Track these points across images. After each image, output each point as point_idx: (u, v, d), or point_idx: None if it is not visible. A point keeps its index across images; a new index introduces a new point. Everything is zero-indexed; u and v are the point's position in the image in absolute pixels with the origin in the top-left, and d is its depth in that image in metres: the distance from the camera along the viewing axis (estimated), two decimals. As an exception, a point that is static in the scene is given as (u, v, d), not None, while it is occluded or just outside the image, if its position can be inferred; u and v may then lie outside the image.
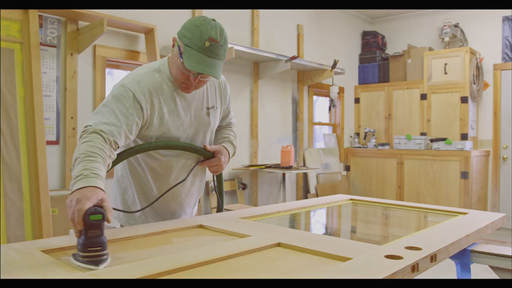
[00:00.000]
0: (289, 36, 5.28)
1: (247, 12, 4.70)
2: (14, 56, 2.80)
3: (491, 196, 5.65)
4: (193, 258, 1.15)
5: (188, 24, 1.48)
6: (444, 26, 5.76)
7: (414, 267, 1.20)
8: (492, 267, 1.56)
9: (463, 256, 1.59)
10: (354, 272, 1.07)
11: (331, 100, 5.30)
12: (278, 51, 4.92)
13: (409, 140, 5.63)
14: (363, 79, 6.49)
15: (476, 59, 5.48)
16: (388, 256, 1.23)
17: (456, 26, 5.76)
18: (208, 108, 1.71)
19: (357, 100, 6.52)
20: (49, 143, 3.08)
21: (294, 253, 1.29)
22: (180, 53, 1.47)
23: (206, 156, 1.69)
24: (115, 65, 3.62)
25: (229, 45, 3.95)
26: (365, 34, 6.56)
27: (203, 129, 1.71)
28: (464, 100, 5.37)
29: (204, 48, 1.43)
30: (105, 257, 1.09)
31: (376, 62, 6.36)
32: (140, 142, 1.61)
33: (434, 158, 5.37)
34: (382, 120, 6.25)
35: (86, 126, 1.42)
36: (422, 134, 5.78)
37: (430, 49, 5.86)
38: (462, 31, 5.78)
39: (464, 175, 5.12)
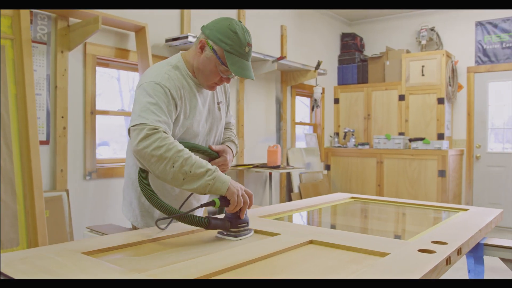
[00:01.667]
0: (273, 36, 5.32)
1: (233, 12, 4.71)
2: (5, 53, 2.70)
3: (464, 194, 5.89)
4: (240, 257, 1.16)
5: (223, 29, 1.50)
6: (421, 29, 5.96)
7: (447, 261, 1.25)
8: (502, 259, 1.64)
9: (476, 250, 1.66)
10: (399, 266, 1.11)
11: (315, 101, 5.37)
12: (263, 51, 4.95)
13: (388, 139, 5.79)
14: (342, 80, 6.61)
15: (452, 61, 5.70)
16: (421, 250, 1.28)
17: (432, 29, 5.96)
18: (218, 103, 1.75)
19: (336, 101, 6.63)
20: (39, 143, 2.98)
21: (330, 249, 1.32)
22: (219, 58, 1.51)
23: (212, 157, 1.67)
24: (105, 63, 3.54)
25: (219, 45, 3.95)
26: (344, 35, 6.69)
27: (216, 124, 1.74)
28: (440, 101, 5.57)
29: (244, 54, 1.51)
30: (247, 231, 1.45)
31: (355, 64, 6.50)
32: None
33: (413, 157, 5.54)
34: (361, 120, 6.39)
35: (140, 124, 1.38)
36: (400, 134, 5.96)
37: (408, 51, 6.04)
38: (437, 35, 6.00)
39: (442, 173, 5.32)
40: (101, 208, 3.38)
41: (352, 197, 2.49)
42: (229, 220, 1.40)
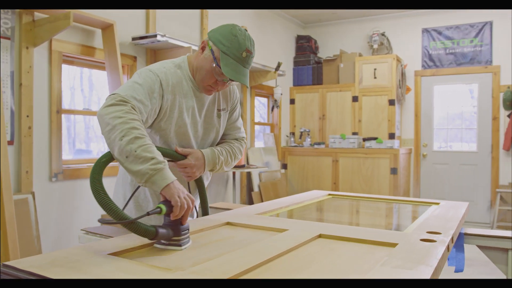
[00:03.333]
0: (234, 37, 5.36)
1: (196, 12, 4.70)
2: (-32, 48, 2.54)
3: (412, 190, 6.28)
4: (266, 252, 1.21)
5: (225, 32, 1.53)
6: (373, 34, 6.26)
7: (448, 248, 1.38)
8: (479, 246, 1.81)
9: (457, 239, 1.82)
10: (414, 255, 1.21)
11: (275, 101, 5.48)
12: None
13: (343, 139, 6.03)
14: (298, 81, 6.79)
15: (401, 65, 6.05)
16: (423, 240, 1.40)
17: (383, 34, 6.29)
18: (219, 110, 1.75)
19: (292, 101, 6.80)
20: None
21: (341, 242, 1.39)
22: (215, 58, 1.53)
23: (178, 159, 1.60)
24: (70, 60, 3.41)
25: (187, 45, 3.94)
26: (299, 38, 6.87)
27: (213, 130, 1.73)
28: (391, 102, 5.90)
29: (241, 58, 1.52)
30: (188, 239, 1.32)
31: (310, 65, 6.69)
32: (158, 135, 1.60)
33: (367, 156, 5.82)
34: (316, 120, 6.60)
35: (114, 94, 1.40)
36: (354, 133, 6.23)
37: (360, 55, 6.33)
38: (388, 40, 6.34)
39: (393, 171, 5.63)
40: (68, 211, 3.26)
41: (330, 194, 2.60)
42: (172, 228, 1.26)
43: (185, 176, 1.64)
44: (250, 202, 5.61)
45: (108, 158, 1.35)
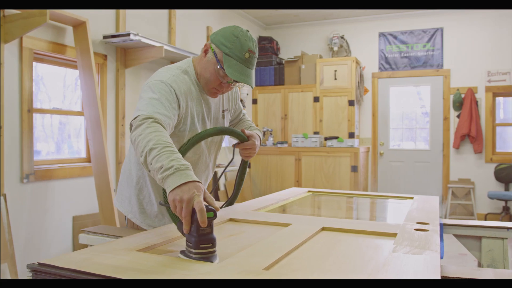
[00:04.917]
0: (200, 36, 5.39)
1: (165, 12, 4.68)
2: None
3: (370, 186, 6.58)
4: (286, 244, 1.29)
5: (227, 34, 1.56)
6: (333, 37, 6.50)
7: (440, 237, 1.53)
8: (456, 235, 1.99)
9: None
10: (418, 243, 1.33)
11: (241, 101, 5.56)
12: (191, 50, 4.99)
13: (305, 138, 6.21)
14: (260, 81, 6.90)
15: (360, 67, 6.33)
16: (417, 229, 1.53)
17: (342, 37, 6.54)
18: (223, 111, 1.80)
19: (254, 101, 6.91)
20: (-27, 144, 2.71)
21: (344, 234, 1.50)
22: (218, 61, 1.55)
23: (242, 140, 1.71)
24: (40, 58, 3.31)
25: (159, 45, 3.93)
26: (261, 39, 6.99)
27: None
28: (351, 103, 6.16)
29: (244, 59, 1.54)
30: (215, 253, 1.13)
31: (272, 66, 6.83)
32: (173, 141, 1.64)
33: (328, 155, 6.04)
34: (278, 120, 6.75)
35: (136, 117, 1.40)
36: (315, 133, 6.43)
37: (321, 56, 6.55)
38: (347, 42, 6.60)
39: (354, 168, 5.89)
40: (40, 213, 3.17)
41: (309, 191, 2.72)
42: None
43: (245, 156, 1.75)
44: (217, 200, 5.64)
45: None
